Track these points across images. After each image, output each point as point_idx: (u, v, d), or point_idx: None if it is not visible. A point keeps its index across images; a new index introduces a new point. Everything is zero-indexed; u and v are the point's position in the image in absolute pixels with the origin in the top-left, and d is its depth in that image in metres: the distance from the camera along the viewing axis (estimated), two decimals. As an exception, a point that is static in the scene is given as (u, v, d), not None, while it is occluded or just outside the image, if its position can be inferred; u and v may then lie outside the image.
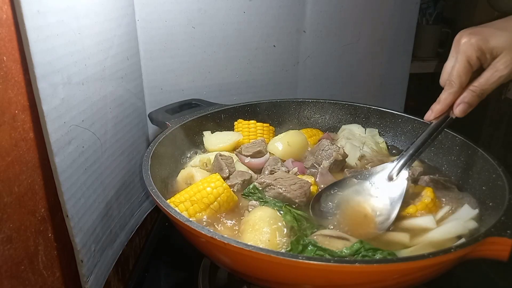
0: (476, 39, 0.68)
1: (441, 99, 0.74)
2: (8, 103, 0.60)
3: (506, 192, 0.73)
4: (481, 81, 0.70)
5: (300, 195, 0.82)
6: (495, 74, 0.68)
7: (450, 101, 0.73)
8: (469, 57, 0.69)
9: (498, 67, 0.68)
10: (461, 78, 0.71)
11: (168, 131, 0.95)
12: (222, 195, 0.79)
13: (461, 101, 0.72)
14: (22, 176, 0.64)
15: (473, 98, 0.71)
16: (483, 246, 0.61)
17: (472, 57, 0.69)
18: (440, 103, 0.75)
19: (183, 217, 0.65)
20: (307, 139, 1.05)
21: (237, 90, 1.28)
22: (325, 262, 0.57)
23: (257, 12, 1.20)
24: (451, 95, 0.73)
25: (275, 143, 1.01)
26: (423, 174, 0.92)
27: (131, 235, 1.04)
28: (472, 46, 0.68)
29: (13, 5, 0.58)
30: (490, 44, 0.68)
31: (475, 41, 0.68)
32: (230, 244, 0.59)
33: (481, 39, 0.68)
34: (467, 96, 0.71)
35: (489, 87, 0.69)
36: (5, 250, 0.61)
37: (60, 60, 0.68)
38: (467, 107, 0.72)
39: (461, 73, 0.70)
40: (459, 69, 0.70)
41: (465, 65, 0.70)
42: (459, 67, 0.70)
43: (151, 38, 1.11)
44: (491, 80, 0.69)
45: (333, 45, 1.34)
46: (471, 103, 0.71)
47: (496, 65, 0.68)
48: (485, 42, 0.68)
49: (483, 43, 0.68)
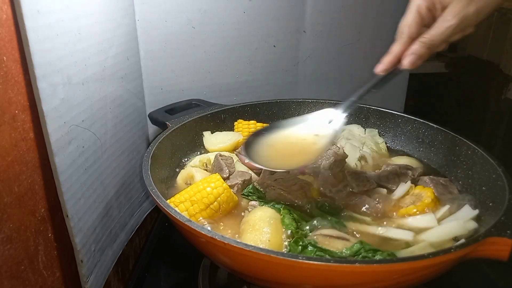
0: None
1: (391, 51, 0.72)
2: (8, 103, 0.60)
3: (506, 192, 0.73)
4: (431, 32, 0.67)
5: (300, 195, 0.82)
6: (443, 24, 0.66)
7: (399, 51, 0.71)
8: (419, 6, 0.68)
9: (446, 17, 0.65)
10: (411, 28, 0.69)
11: (168, 131, 0.96)
12: (222, 195, 0.79)
13: (410, 52, 0.70)
14: (22, 176, 0.64)
15: (422, 49, 0.68)
16: (483, 246, 0.61)
17: (421, 7, 0.68)
18: (390, 54, 0.73)
19: (183, 217, 0.65)
20: (307, 139, 1.05)
21: (237, 90, 1.28)
22: (325, 262, 0.57)
23: (257, 12, 1.20)
24: (401, 45, 0.71)
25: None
26: (423, 174, 0.92)
27: (131, 235, 1.04)
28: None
29: (13, 5, 0.58)
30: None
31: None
32: (230, 244, 0.59)
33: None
34: (416, 47, 0.69)
35: (438, 37, 0.67)
36: (5, 250, 0.61)
37: (60, 60, 0.68)
38: (416, 58, 0.69)
39: (411, 23, 0.69)
40: (408, 19, 0.69)
41: (415, 15, 0.69)
42: (409, 17, 0.69)
43: (151, 38, 1.11)
44: (440, 30, 0.66)
45: (333, 45, 1.34)
46: (419, 54, 0.68)
47: (445, 15, 0.66)
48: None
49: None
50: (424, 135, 1.04)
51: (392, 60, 0.72)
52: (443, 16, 0.66)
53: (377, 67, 0.75)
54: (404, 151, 1.08)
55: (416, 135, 1.06)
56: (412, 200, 0.82)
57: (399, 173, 0.91)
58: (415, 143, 1.06)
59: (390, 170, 0.92)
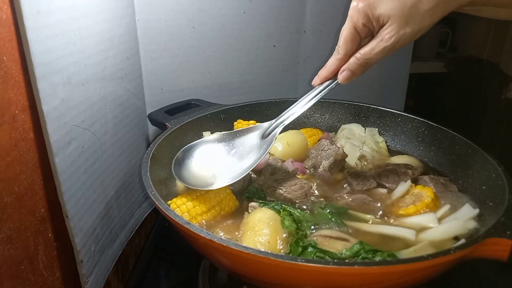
0: (363, 5, 0.64)
1: (327, 65, 0.72)
2: (8, 103, 0.60)
3: (506, 192, 0.73)
4: (366, 49, 0.67)
5: (300, 195, 0.82)
6: (379, 44, 0.65)
7: (335, 67, 0.72)
8: (355, 23, 0.66)
9: (383, 37, 0.64)
10: (347, 45, 0.68)
11: (167, 132, 0.95)
12: (223, 198, 0.79)
13: (345, 68, 0.70)
14: (22, 176, 0.64)
15: (357, 66, 0.68)
16: (483, 247, 0.61)
17: (358, 24, 0.66)
18: (326, 69, 0.73)
19: (182, 220, 0.65)
20: (306, 139, 1.05)
21: (237, 90, 1.28)
22: (324, 264, 0.57)
23: (257, 12, 1.19)
24: (337, 61, 0.71)
25: (274, 143, 1.00)
26: (423, 173, 0.92)
27: (131, 235, 1.04)
28: (358, 12, 0.65)
29: (13, 5, 0.58)
30: (377, 11, 0.63)
31: (361, 7, 0.64)
32: (229, 246, 0.59)
33: (368, 5, 0.64)
34: (351, 63, 0.69)
35: (373, 57, 0.66)
36: (5, 250, 0.61)
37: (60, 60, 0.68)
38: (350, 74, 0.69)
39: (347, 40, 0.68)
40: (345, 36, 0.68)
41: (351, 32, 0.67)
42: (346, 34, 0.68)
43: (151, 38, 1.11)
44: (376, 50, 0.65)
45: (333, 45, 1.32)
46: (354, 71, 0.69)
47: (381, 35, 0.64)
48: (372, 8, 0.64)
49: (370, 9, 0.64)
50: (424, 134, 1.04)
51: (328, 76, 0.73)
52: (379, 35, 0.65)
53: (314, 80, 0.76)
54: (404, 150, 1.08)
55: (416, 134, 1.06)
56: (412, 200, 0.82)
57: (399, 172, 0.91)
58: (415, 142, 1.06)
59: (390, 169, 0.92)
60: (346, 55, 0.70)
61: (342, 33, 0.69)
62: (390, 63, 1.43)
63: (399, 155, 1.04)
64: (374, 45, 0.66)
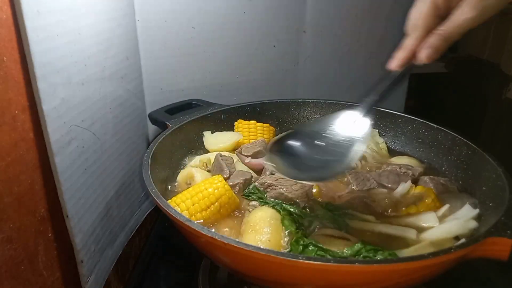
0: None
1: (405, 45, 0.68)
2: (8, 103, 0.60)
3: (506, 192, 0.73)
4: (448, 23, 0.63)
5: (301, 195, 0.82)
6: (461, 16, 0.62)
7: (414, 46, 0.67)
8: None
9: (464, 8, 0.62)
10: (427, 20, 0.65)
11: (168, 131, 0.95)
12: (223, 196, 0.79)
13: (427, 45, 0.65)
14: (22, 176, 0.64)
15: (439, 41, 0.64)
16: (483, 246, 0.61)
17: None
18: (404, 49, 0.68)
19: (183, 217, 0.65)
20: (307, 139, 1.05)
21: (237, 90, 1.28)
22: (325, 262, 0.57)
23: (257, 12, 1.19)
24: (416, 40, 0.67)
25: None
26: (423, 174, 0.92)
27: (131, 235, 1.04)
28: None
29: (13, 5, 0.58)
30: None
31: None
32: (230, 244, 0.59)
33: None
34: (432, 39, 0.65)
35: (455, 30, 0.63)
36: (5, 250, 0.61)
37: (60, 60, 0.68)
38: (433, 51, 0.65)
39: (427, 15, 0.65)
40: (425, 11, 0.65)
41: (430, 6, 0.64)
42: (425, 9, 0.65)
43: (151, 38, 1.11)
44: (457, 22, 0.62)
45: (333, 45, 1.33)
46: (437, 46, 0.64)
47: (462, 6, 0.62)
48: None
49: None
50: (424, 135, 1.04)
51: (406, 55, 0.68)
52: (461, 7, 0.62)
53: (391, 63, 0.70)
54: (404, 151, 1.08)
55: (416, 135, 1.06)
56: (412, 200, 0.82)
57: (399, 173, 0.91)
58: (415, 143, 1.06)
59: (390, 170, 0.92)
60: (426, 32, 0.65)
61: (420, 10, 0.66)
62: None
63: (400, 156, 1.04)
64: (456, 17, 0.62)
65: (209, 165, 0.95)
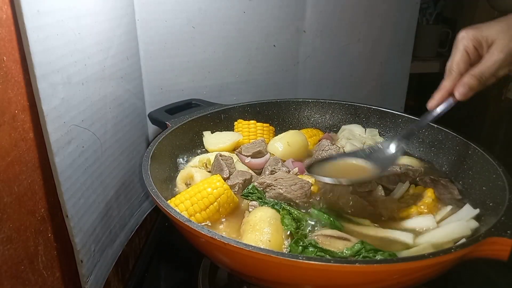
0: (472, 31, 0.77)
1: (442, 86, 0.79)
2: (8, 103, 0.60)
3: (506, 192, 0.73)
4: (479, 65, 0.75)
5: (300, 195, 0.82)
6: (491, 59, 0.74)
7: (450, 87, 0.78)
8: (466, 46, 0.76)
9: (493, 52, 0.74)
10: (459, 65, 0.76)
11: (168, 131, 0.95)
12: (222, 196, 0.79)
13: (461, 84, 0.76)
14: (22, 176, 0.64)
15: (472, 80, 0.75)
16: (483, 246, 0.61)
17: (469, 46, 0.76)
18: (441, 90, 0.79)
19: (182, 217, 0.65)
20: (307, 139, 1.05)
21: (237, 90, 1.28)
22: (325, 262, 0.57)
23: (257, 12, 1.19)
24: (451, 81, 0.78)
25: (275, 143, 1.01)
26: (423, 174, 0.91)
27: (131, 235, 1.04)
28: (468, 36, 0.76)
29: (13, 5, 0.58)
30: (484, 33, 0.75)
31: (471, 32, 0.77)
32: (230, 244, 0.59)
33: (476, 30, 0.76)
34: (466, 79, 0.75)
35: (487, 70, 0.74)
36: (5, 250, 0.61)
37: (60, 60, 0.68)
38: (467, 89, 0.75)
39: (459, 61, 0.77)
40: (457, 57, 0.77)
41: (463, 53, 0.76)
42: (457, 56, 0.77)
43: (151, 38, 1.11)
44: (488, 64, 0.74)
45: (333, 45, 1.33)
46: (470, 85, 0.75)
47: (491, 51, 0.74)
48: (480, 31, 0.76)
49: (478, 32, 0.76)
50: (425, 135, 1.04)
51: (443, 95, 0.79)
52: (490, 52, 0.74)
53: (430, 102, 0.81)
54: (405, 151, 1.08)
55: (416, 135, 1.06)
56: (412, 200, 0.82)
57: (399, 173, 0.91)
58: (415, 143, 1.06)
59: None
60: (459, 74, 0.77)
61: (453, 58, 0.78)
62: (390, 63, 1.43)
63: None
64: (486, 60, 0.74)
65: (209, 165, 0.95)
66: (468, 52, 0.76)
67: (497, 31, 0.74)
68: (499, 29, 0.74)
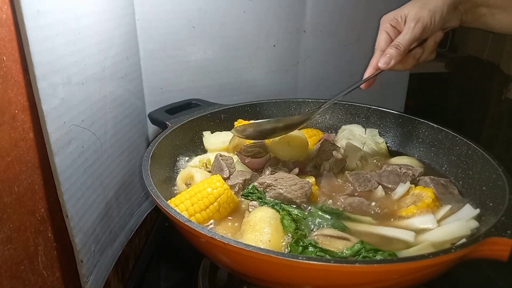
0: (390, 13, 0.87)
1: (369, 64, 0.89)
2: (8, 103, 0.60)
3: (506, 192, 0.73)
4: (398, 37, 0.84)
5: (300, 195, 0.81)
6: (405, 29, 0.83)
7: (375, 63, 0.87)
8: (385, 27, 0.87)
9: (407, 23, 0.83)
10: (380, 44, 0.87)
11: (167, 131, 0.95)
12: (222, 196, 0.79)
13: (382, 55, 0.85)
14: (22, 176, 0.64)
15: (391, 49, 0.84)
16: (483, 246, 0.61)
17: (387, 26, 0.86)
18: (369, 67, 0.90)
19: (183, 217, 0.65)
20: (307, 139, 1.05)
21: (237, 90, 1.28)
22: (325, 262, 0.57)
23: (257, 12, 1.19)
24: (375, 59, 0.88)
25: (275, 143, 1.01)
26: (423, 174, 0.92)
27: (131, 235, 1.04)
28: (386, 18, 0.87)
29: (13, 5, 0.58)
30: (400, 12, 0.85)
31: (389, 15, 0.87)
32: (230, 244, 0.59)
33: (394, 11, 0.86)
34: (387, 50, 0.85)
35: (402, 38, 0.83)
36: (5, 250, 0.61)
37: (60, 60, 0.68)
38: (387, 57, 0.84)
39: (380, 40, 0.87)
40: (379, 38, 0.88)
41: (383, 34, 0.87)
42: (379, 37, 0.88)
43: (151, 38, 1.11)
44: (403, 33, 0.83)
45: (333, 45, 1.33)
46: (390, 53, 0.83)
47: (406, 23, 0.84)
48: (397, 11, 0.86)
49: (395, 13, 0.86)
50: (425, 135, 1.04)
51: (371, 72, 0.89)
52: (406, 25, 0.84)
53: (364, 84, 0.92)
54: (405, 151, 1.08)
55: (416, 135, 1.06)
56: (412, 200, 0.82)
57: (399, 173, 0.91)
58: (415, 143, 1.06)
59: (390, 170, 0.92)
60: (381, 52, 0.86)
61: (377, 40, 0.89)
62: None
63: (400, 156, 1.04)
64: (404, 32, 0.83)
65: (209, 165, 0.95)
66: (388, 32, 0.86)
67: (410, 6, 0.84)
68: (412, 4, 0.84)
